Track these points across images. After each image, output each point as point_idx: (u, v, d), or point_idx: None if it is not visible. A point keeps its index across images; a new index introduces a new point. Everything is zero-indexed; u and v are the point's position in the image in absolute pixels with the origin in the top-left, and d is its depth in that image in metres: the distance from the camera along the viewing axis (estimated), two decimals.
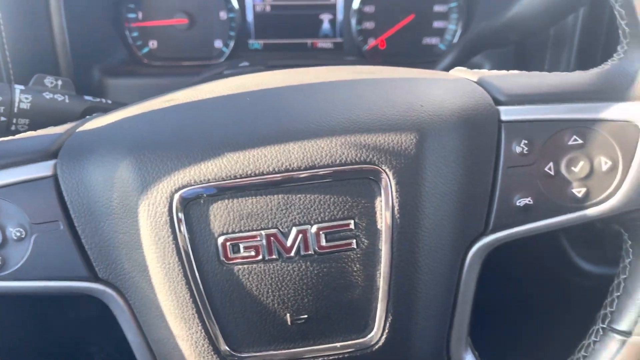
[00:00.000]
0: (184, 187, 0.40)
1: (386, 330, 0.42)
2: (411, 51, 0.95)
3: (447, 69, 0.78)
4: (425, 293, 0.43)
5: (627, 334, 0.45)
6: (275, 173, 0.40)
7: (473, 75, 0.47)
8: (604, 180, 0.42)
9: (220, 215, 0.40)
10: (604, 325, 0.46)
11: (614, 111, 0.41)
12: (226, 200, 0.40)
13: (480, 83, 0.45)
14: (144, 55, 0.91)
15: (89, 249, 0.42)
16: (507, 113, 0.42)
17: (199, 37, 0.92)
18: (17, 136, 0.45)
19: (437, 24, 0.94)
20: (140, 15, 0.90)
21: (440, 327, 0.45)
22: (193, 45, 0.92)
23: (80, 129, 0.45)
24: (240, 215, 0.40)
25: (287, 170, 0.40)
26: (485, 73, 0.47)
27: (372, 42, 0.94)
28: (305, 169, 0.40)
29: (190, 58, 0.92)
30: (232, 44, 0.92)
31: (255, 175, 0.40)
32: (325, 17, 0.93)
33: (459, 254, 0.43)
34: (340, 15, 0.93)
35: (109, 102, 0.63)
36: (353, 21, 0.92)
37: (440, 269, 0.43)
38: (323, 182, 0.40)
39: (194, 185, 0.40)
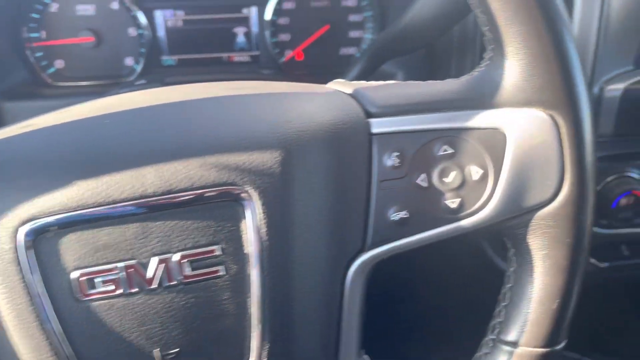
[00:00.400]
0: (29, 220, 0.37)
1: (264, 359, 0.40)
2: (329, 62, 0.94)
3: (357, 78, 0.77)
4: (304, 316, 0.41)
5: (514, 344, 0.44)
6: (129, 200, 0.37)
7: (348, 87, 0.46)
8: (476, 189, 0.41)
9: (72, 248, 0.37)
10: (494, 337, 0.46)
11: (481, 119, 0.41)
12: (78, 232, 0.37)
13: (353, 95, 0.44)
14: (49, 75, 0.87)
15: None
16: (378, 125, 0.41)
17: (108, 55, 0.88)
18: None
19: (353, 33, 0.94)
20: (43, 34, 0.86)
21: (325, 348, 0.43)
22: (102, 64, 0.89)
23: None
24: (95, 247, 0.37)
25: (142, 197, 0.37)
26: (360, 85, 0.46)
27: (288, 54, 0.93)
28: (162, 194, 0.37)
29: (100, 77, 0.89)
30: (142, 60, 0.89)
31: (107, 203, 0.37)
32: (240, 31, 0.91)
33: (338, 273, 0.41)
34: (255, 28, 0.91)
35: None
36: (267, 34, 0.90)
37: (318, 290, 0.41)
38: (183, 207, 0.38)
39: (40, 217, 0.37)
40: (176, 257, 0.38)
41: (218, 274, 0.39)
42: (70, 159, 0.38)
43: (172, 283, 0.38)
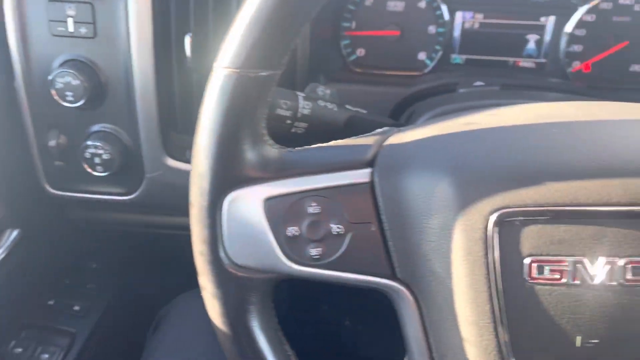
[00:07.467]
0: (501, 208, 0.44)
1: None
2: (616, 77, 0.94)
3: None
4: None
5: None
6: (593, 206, 0.42)
7: None
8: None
9: (531, 237, 0.44)
10: None
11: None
12: (539, 225, 0.43)
13: None
14: (352, 62, 0.97)
15: (394, 251, 0.48)
16: None
17: (405, 48, 0.96)
18: (331, 144, 0.52)
19: None
20: (353, 24, 0.96)
21: None
22: (398, 56, 0.97)
23: (387, 142, 0.50)
24: (551, 240, 0.43)
25: (605, 205, 0.42)
26: None
27: (576, 65, 0.94)
28: (625, 205, 0.42)
29: (394, 68, 0.97)
30: (436, 57, 0.95)
31: (573, 205, 0.43)
32: (532, 37, 0.94)
33: None
34: (548, 37, 0.93)
35: (364, 112, 0.69)
36: (563, 43, 0.92)
37: None
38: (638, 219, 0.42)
39: (511, 207, 0.43)
40: (622, 261, 0.43)
41: None
42: (541, 162, 0.44)
43: (612, 283, 0.43)
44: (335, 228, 0.48)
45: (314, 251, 0.48)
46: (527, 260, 0.44)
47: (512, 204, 0.44)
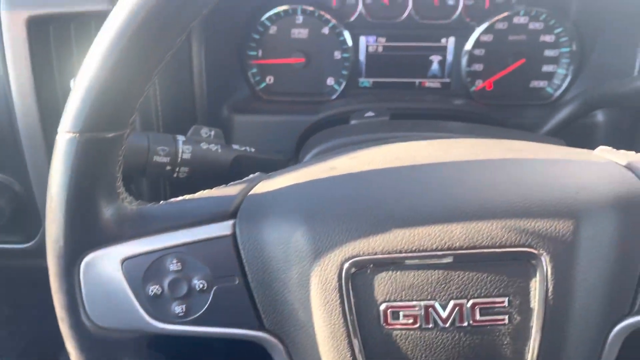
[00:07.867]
0: (352, 257, 0.44)
1: None
2: (518, 93, 0.96)
3: (565, 120, 0.79)
4: None
5: None
6: (438, 251, 0.43)
7: (621, 158, 0.49)
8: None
9: (383, 284, 0.44)
10: None
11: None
12: (390, 272, 0.44)
13: (629, 168, 0.47)
14: (261, 90, 0.97)
15: (259, 302, 0.47)
16: None
17: (313, 74, 0.96)
18: (196, 195, 0.51)
19: (546, 67, 0.95)
20: (260, 53, 0.96)
21: None
22: (307, 83, 0.97)
23: (252, 192, 0.50)
24: (403, 286, 0.44)
25: (449, 249, 0.43)
26: (632, 157, 0.48)
27: (479, 83, 0.96)
28: (467, 248, 0.43)
29: (303, 94, 0.97)
30: (343, 82, 0.96)
31: (419, 251, 0.43)
32: (435, 58, 0.96)
33: (602, 335, 0.45)
34: (450, 57, 0.95)
35: (252, 150, 0.69)
36: (464, 62, 0.94)
37: (585, 348, 0.45)
38: (482, 262, 0.43)
39: (362, 256, 0.44)
40: (469, 303, 0.44)
41: (503, 322, 0.44)
42: (387, 209, 0.45)
43: (462, 324, 0.44)
44: (198, 284, 0.47)
45: (178, 308, 0.47)
46: (382, 307, 0.44)
47: (363, 253, 0.44)
